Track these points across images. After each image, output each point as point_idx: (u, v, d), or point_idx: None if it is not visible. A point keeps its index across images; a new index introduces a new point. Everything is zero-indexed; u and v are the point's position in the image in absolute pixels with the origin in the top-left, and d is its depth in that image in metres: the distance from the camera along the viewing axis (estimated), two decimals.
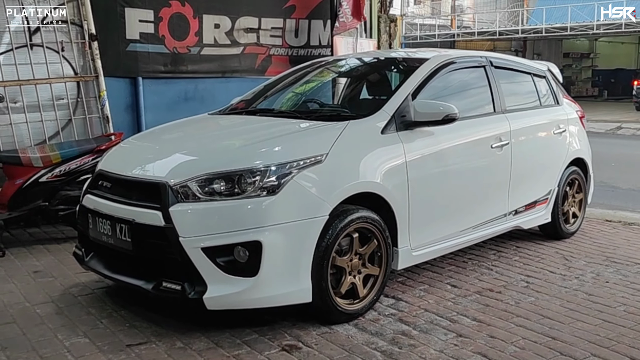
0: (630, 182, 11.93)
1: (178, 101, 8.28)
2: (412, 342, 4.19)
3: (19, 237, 6.74)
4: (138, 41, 7.83)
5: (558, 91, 7.06)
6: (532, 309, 4.83)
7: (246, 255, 4.03)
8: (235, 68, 8.68)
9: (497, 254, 6.30)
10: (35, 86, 7.07)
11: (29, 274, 5.56)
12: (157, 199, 4.17)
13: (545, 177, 6.52)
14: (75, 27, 7.32)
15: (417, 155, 4.95)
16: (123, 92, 7.85)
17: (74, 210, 6.33)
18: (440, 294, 5.13)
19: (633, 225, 7.78)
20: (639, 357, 4.02)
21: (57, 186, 6.44)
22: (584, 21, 34.18)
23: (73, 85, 7.35)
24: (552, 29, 35.19)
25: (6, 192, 6.35)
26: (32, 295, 5.02)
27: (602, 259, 6.19)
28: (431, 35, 38.65)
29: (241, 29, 8.62)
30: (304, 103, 6.06)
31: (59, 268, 5.71)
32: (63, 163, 6.41)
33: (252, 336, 4.24)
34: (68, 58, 7.29)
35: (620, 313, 4.78)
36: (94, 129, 7.42)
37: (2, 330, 4.34)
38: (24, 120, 7.04)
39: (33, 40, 7.08)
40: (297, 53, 9.20)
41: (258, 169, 4.17)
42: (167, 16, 7.99)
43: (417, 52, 6.42)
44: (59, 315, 4.63)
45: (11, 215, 6.28)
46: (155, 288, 4.17)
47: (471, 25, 41.83)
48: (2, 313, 4.66)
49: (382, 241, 4.66)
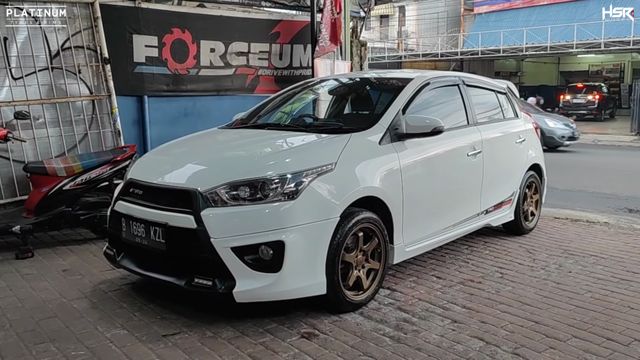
0: (566, 183, 12.11)
1: (179, 117, 8.21)
2: (415, 328, 4.18)
3: (42, 239, 6.60)
4: (144, 64, 7.76)
5: (516, 105, 7.13)
6: (511, 297, 4.85)
7: (270, 253, 4.00)
8: (228, 87, 8.64)
9: (469, 248, 6.33)
10: (56, 104, 6.97)
11: (58, 272, 5.44)
12: (189, 204, 4.11)
13: (510, 180, 6.58)
14: (90, 52, 7.21)
15: (408, 162, 4.95)
16: (131, 109, 7.76)
17: (93, 214, 6.32)
18: (428, 285, 5.13)
19: (579, 221, 7.89)
20: (613, 337, 4.06)
21: (79, 193, 6.33)
22: (514, 44, 34.69)
23: (89, 103, 7.24)
24: (487, 51, 35.62)
25: (33, 199, 6.23)
26: (66, 292, 4.92)
27: (561, 251, 6.25)
28: (381, 57, 38.90)
29: (233, 53, 8.58)
30: (305, 118, 6.02)
31: (84, 267, 5.60)
32: (84, 173, 6.30)
33: (272, 325, 4.20)
34: (84, 79, 7.18)
35: (588, 299, 4.82)
36: (107, 142, 7.33)
37: (47, 323, 4.24)
38: (45, 135, 6.92)
39: (53, 63, 6.97)
40: (282, 73, 9.19)
41: (278, 176, 4.14)
42: (170, 42, 7.93)
43: (401, 73, 6.44)
44: (94, 309, 4.53)
45: (38, 220, 6.16)
46: (187, 284, 4.11)
47: (415, 48, 42.18)
48: (43, 308, 4.56)
49: (382, 239, 4.66)
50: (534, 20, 36.49)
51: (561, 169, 14.49)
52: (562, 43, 32.82)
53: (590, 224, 7.74)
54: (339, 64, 9.41)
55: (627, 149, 20.78)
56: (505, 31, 35.28)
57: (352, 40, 10.23)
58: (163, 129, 7.91)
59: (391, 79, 6.18)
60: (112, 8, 7.46)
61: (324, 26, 8.97)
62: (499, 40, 35.36)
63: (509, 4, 38.88)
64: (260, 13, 9.21)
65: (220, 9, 8.69)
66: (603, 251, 6.30)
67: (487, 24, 38.92)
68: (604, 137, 24.12)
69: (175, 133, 6.61)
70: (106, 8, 7.34)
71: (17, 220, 6.11)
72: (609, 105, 35.80)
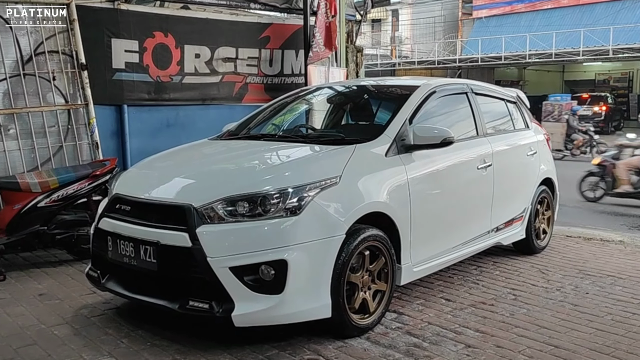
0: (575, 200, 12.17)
1: (161, 127, 8.22)
2: (427, 354, 4.21)
3: (13, 261, 6.57)
4: (124, 70, 7.76)
5: (527, 115, 7.21)
6: (527, 319, 4.90)
7: (271, 273, 4.02)
8: (214, 96, 8.65)
9: (479, 269, 6.38)
10: (28, 114, 6.96)
11: (34, 296, 5.43)
12: (183, 221, 4.13)
13: (521, 195, 6.65)
14: (65, 57, 7.22)
15: (416, 176, 5.00)
16: (109, 119, 7.76)
17: (71, 233, 6.32)
18: (437, 308, 5.17)
19: (593, 240, 7.97)
20: None
21: (55, 211, 6.33)
22: (516, 51, 34.93)
23: (64, 112, 7.24)
24: (487, 58, 35.88)
25: (4, 217, 6.20)
26: (45, 317, 4.91)
27: (576, 272, 6.31)
28: (373, 65, 39.05)
29: (220, 59, 8.61)
30: (303, 128, 6.06)
31: (62, 290, 5.60)
32: (60, 188, 6.29)
33: (273, 351, 4.21)
34: (59, 87, 7.19)
35: (609, 322, 4.88)
36: (83, 155, 7.32)
37: (27, 352, 4.24)
38: (17, 147, 6.91)
39: (25, 69, 6.97)
40: (272, 81, 9.22)
41: (280, 190, 4.17)
42: (151, 46, 7.95)
43: (403, 80, 6.51)
44: (77, 336, 4.53)
45: (10, 240, 6.14)
46: (181, 307, 4.11)
47: (409, 55, 42.38)
48: (21, 335, 4.55)
49: (389, 258, 4.70)
50: (537, 25, 36.83)
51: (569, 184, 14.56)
52: (568, 50, 33.10)
53: (605, 243, 7.82)
54: (334, 71, 9.46)
55: None
56: (506, 37, 35.60)
57: (348, 46, 10.30)
58: (144, 141, 7.90)
59: (394, 86, 6.25)
60: (90, 10, 7.47)
61: (318, 30, 9.02)
62: (499, 47, 35.65)
63: (510, 8, 39.20)
64: (249, 16, 9.25)
65: (206, 12, 8.72)
66: (621, 271, 6.37)
67: (487, 29, 39.19)
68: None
69: (157, 145, 6.64)
70: (83, 10, 7.34)
71: None
72: (616, 117, 35.98)
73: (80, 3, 7.33)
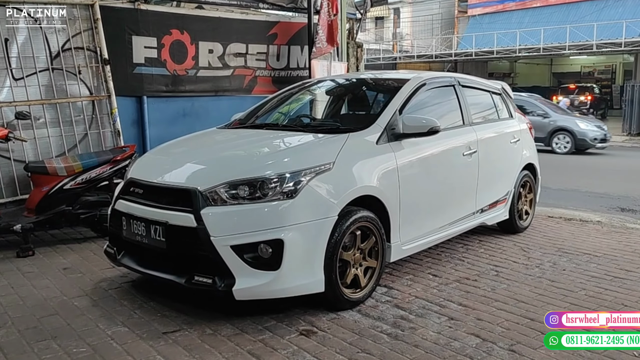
0: (558, 183, 12.13)
1: (177, 117, 8.18)
2: (412, 325, 4.18)
3: (43, 238, 6.59)
4: (143, 65, 7.73)
5: (511, 106, 7.13)
6: (506, 294, 4.86)
7: (269, 251, 4.00)
8: (226, 88, 8.61)
9: (465, 246, 6.33)
10: (56, 105, 6.95)
11: (59, 270, 5.44)
12: (189, 203, 4.11)
13: (504, 180, 6.59)
14: (90, 53, 7.19)
15: (405, 162, 4.95)
16: (130, 109, 7.73)
17: (94, 213, 6.31)
18: (425, 283, 5.13)
19: (572, 220, 7.91)
20: None
21: (79, 192, 6.32)
22: (507, 46, 34.72)
23: (89, 103, 7.22)
24: (480, 53, 35.66)
25: (34, 198, 6.21)
26: (67, 290, 4.91)
27: (555, 250, 6.26)
28: (376, 59, 38.92)
29: (231, 54, 8.55)
30: (303, 118, 6.01)
31: (85, 265, 5.60)
32: (84, 172, 6.29)
33: (271, 323, 4.20)
34: (84, 80, 7.16)
35: (582, 297, 4.83)
36: (106, 142, 7.30)
37: (49, 321, 4.24)
38: (46, 135, 6.90)
39: (54, 64, 6.95)
40: (279, 74, 9.17)
41: (277, 175, 4.14)
42: (169, 43, 7.90)
43: (397, 74, 6.46)
44: (95, 307, 4.53)
45: (39, 219, 6.15)
46: (187, 281, 4.11)
47: (410, 50, 42.19)
48: (45, 305, 4.56)
49: (379, 237, 4.66)
50: (527, 22, 36.55)
51: (554, 169, 14.50)
52: (555, 45, 32.88)
53: (584, 223, 7.76)
54: (335, 65, 9.41)
55: (619, 149, 20.80)
56: (498, 33, 35.37)
57: (349, 42, 10.22)
58: (162, 129, 7.88)
59: (388, 79, 6.19)
60: (112, 9, 7.44)
61: (320, 28, 8.96)
62: (492, 42, 35.40)
63: (502, 6, 38.89)
64: (258, 15, 9.20)
65: (219, 11, 8.67)
66: (596, 249, 6.32)
67: (481, 26, 38.95)
68: None
69: (173, 133, 6.60)
70: (106, 9, 7.33)
71: (18, 219, 6.10)
72: (601, 106, 35.92)
73: (103, 4, 7.31)
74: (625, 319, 4.11)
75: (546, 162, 14.53)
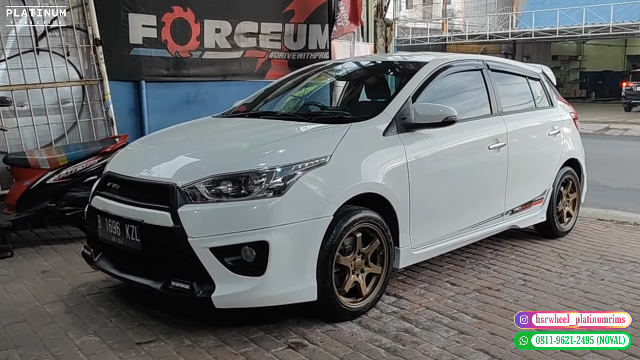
0: (620, 181, 11.97)
1: (180, 104, 8.26)
2: (415, 340, 4.18)
3: (26, 237, 6.72)
4: (141, 46, 7.81)
5: (552, 93, 7.06)
6: (530, 306, 4.83)
7: (253, 255, 4.03)
8: (235, 72, 8.66)
9: (494, 252, 6.30)
10: (42, 90, 7.05)
11: (37, 273, 5.55)
12: (166, 200, 4.16)
13: (540, 177, 6.53)
14: (80, 32, 7.30)
15: (417, 156, 4.94)
16: (126, 96, 7.83)
17: (81, 211, 6.36)
18: (440, 292, 5.13)
19: (625, 224, 7.81)
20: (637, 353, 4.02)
21: (64, 188, 6.42)
22: (572, 24, 34.27)
23: (78, 88, 7.33)
24: (541, 32, 35.27)
25: (14, 193, 6.33)
26: (42, 295, 5.01)
27: (597, 257, 6.19)
28: (423, 39, 38.80)
29: (241, 34, 8.61)
30: (306, 106, 6.05)
31: (66, 268, 5.70)
32: (70, 165, 6.39)
33: (259, 334, 4.23)
34: (73, 62, 7.28)
35: (616, 310, 4.77)
36: (98, 132, 7.41)
37: (14, 329, 4.33)
38: (30, 123, 7.02)
39: (39, 45, 7.06)
40: (296, 57, 9.19)
41: (264, 170, 4.16)
42: (170, 21, 7.97)
43: (415, 56, 6.42)
44: (68, 314, 4.62)
45: (19, 216, 6.26)
46: (164, 287, 4.16)
47: (462, 29, 41.92)
48: (13, 312, 4.65)
49: (384, 240, 4.66)
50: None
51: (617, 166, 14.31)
52: (627, 23, 32.35)
53: (637, 227, 7.65)
54: (359, 46, 9.42)
55: None
56: (562, 10, 34.86)
57: (377, 20, 10.22)
58: (163, 118, 7.87)
59: (404, 62, 6.18)
60: None
61: (342, 4, 8.97)
62: (555, 20, 34.93)
63: None
64: None
65: None
66: None
67: (543, 2, 38.47)
68: None
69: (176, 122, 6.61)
70: None
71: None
72: None
73: None
74: None
75: (604, 156, 14.40)
